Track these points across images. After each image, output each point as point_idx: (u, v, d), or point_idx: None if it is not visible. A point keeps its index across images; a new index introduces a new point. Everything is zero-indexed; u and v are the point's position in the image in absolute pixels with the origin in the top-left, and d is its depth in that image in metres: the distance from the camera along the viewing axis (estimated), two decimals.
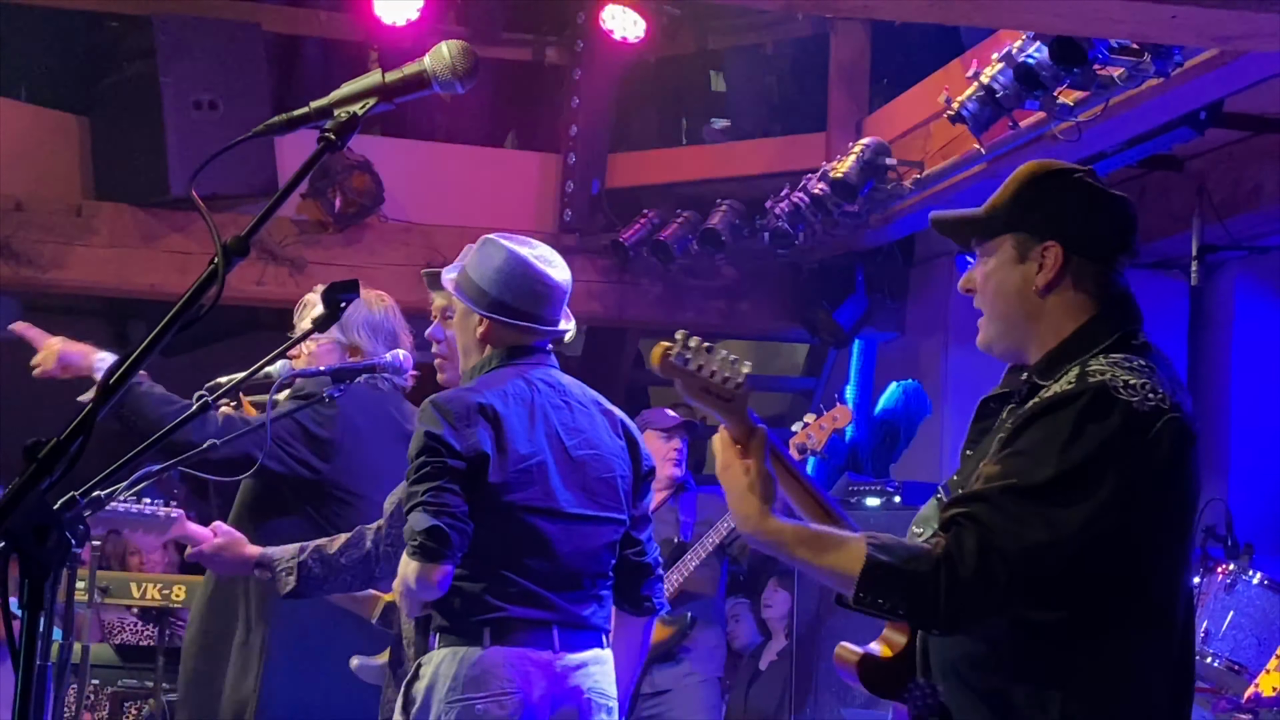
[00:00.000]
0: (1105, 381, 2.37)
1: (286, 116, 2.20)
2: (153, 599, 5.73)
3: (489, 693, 3.32)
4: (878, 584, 2.33)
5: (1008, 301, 2.54)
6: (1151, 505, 2.37)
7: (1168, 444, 2.36)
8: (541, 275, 3.46)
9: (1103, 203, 2.56)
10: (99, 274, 7.55)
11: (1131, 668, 2.40)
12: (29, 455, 1.70)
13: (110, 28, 7.57)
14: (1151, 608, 2.42)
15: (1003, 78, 4.98)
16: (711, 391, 2.48)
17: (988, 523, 2.32)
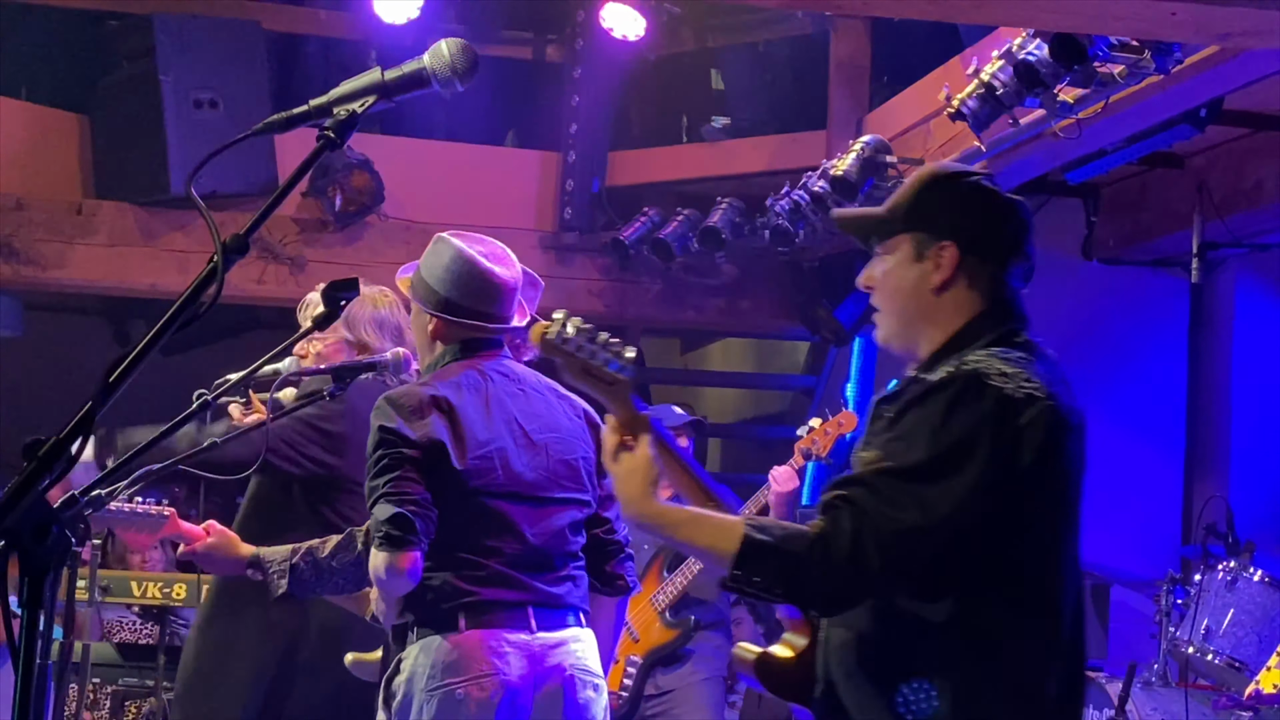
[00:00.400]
0: (979, 369, 2.43)
1: (286, 115, 2.20)
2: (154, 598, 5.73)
3: (468, 676, 3.33)
4: (753, 562, 2.38)
5: (903, 298, 2.60)
6: (1027, 490, 2.41)
7: (1042, 429, 2.40)
8: (487, 273, 3.50)
9: (999, 206, 2.61)
10: (99, 273, 7.55)
11: (1021, 655, 2.43)
12: (28, 454, 1.70)
13: (110, 26, 7.57)
14: (1035, 595, 2.46)
15: (1003, 75, 4.98)
16: (593, 374, 2.52)
17: (862, 504, 2.37)
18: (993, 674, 2.42)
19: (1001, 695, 2.42)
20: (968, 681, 2.41)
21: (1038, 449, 2.40)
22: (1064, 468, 2.47)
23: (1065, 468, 2.48)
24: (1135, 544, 7.15)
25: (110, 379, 1.82)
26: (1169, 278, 7.41)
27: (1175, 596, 5.48)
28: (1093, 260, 7.43)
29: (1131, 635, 6.07)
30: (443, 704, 3.33)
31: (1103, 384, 7.55)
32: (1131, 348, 7.53)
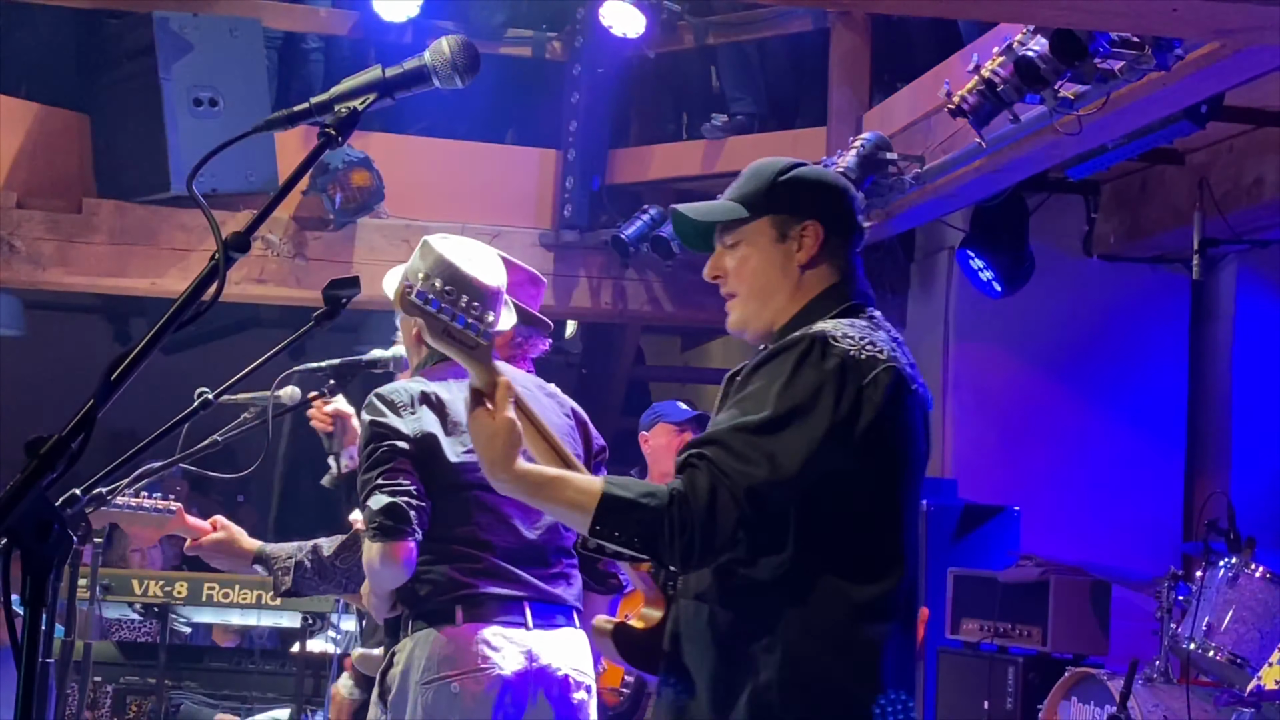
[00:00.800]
0: (825, 331, 2.56)
1: (287, 112, 2.20)
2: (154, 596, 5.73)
3: (464, 669, 3.32)
4: (612, 516, 2.45)
5: (769, 278, 2.71)
6: (870, 447, 2.51)
7: (884, 389, 2.52)
8: (471, 278, 3.48)
9: (844, 188, 2.78)
10: (100, 271, 7.54)
11: (855, 613, 2.51)
12: (31, 451, 1.70)
13: (111, 25, 7.56)
14: (877, 554, 2.55)
15: (1003, 71, 4.98)
16: (454, 336, 2.53)
17: (717, 461, 2.46)
18: (825, 633, 2.50)
19: (834, 654, 2.50)
20: (799, 640, 2.49)
21: (881, 407, 2.51)
22: (905, 429, 2.57)
23: (906, 429, 2.57)
24: (1136, 540, 7.16)
25: (112, 377, 1.82)
26: (1170, 274, 7.41)
27: (1177, 593, 5.48)
28: (1093, 257, 7.43)
29: (1133, 632, 6.07)
30: (438, 697, 3.32)
31: (1103, 381, 7.55)
32: (1132, 344, 7.53)
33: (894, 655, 2.54)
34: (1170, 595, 5.48)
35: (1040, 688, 5.76)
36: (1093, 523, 7.30)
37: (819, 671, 2.49)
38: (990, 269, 6.98)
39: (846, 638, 2.50)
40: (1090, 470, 7.45)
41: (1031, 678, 5.86)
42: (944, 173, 6.19)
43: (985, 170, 6.06)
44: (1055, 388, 7.58)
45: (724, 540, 2.46)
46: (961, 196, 6.60)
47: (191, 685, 5.89)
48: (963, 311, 7.56)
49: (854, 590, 2.51)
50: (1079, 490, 7.39)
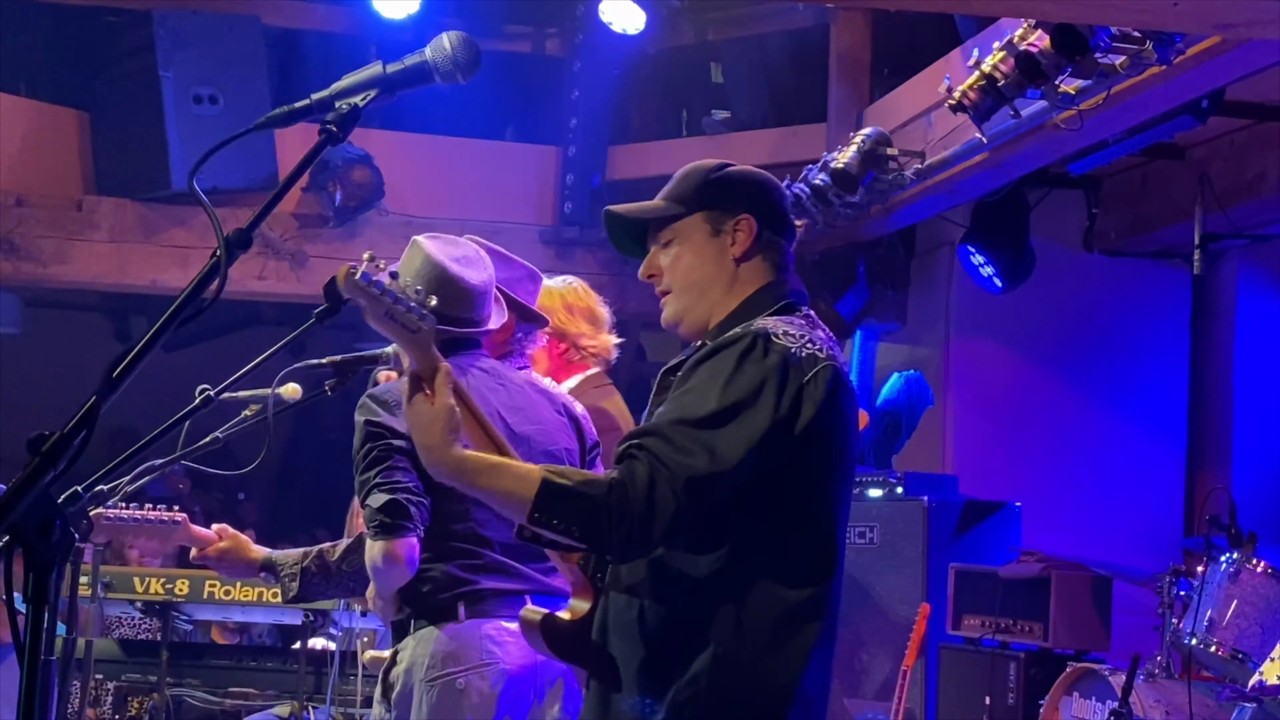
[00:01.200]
0: (766, 328, 2.57)
1: (287, 109, 2.19)
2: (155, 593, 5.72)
3: (469, 665, 3.32)
4: (551, 504, 2.45)
5: (703, 272, 2.72)
6: (809, 445, 2.52)
7: (823, 387, 2.54)
8: (457, 278, 3.48)
9: (774, 186, 2.80)
10: (100, 269, 7.54)
11: (791, 614, 2.52)
12: (33, 449, 1.69)
13: (110, 22, 7.57)
14: (812, 553, 2.56)
15: (1004, 67, 4.97)
16: (396, 319, 2.53)
17: (657, 452, 2.46)
18: (756, 632, 2.50)
19: (762, 653, 2.50)
20: (730, 639, 2.49)
21: (820, 404, 2.53)
22: (841, 428, 2.58)
23: (842, 428, 2.59)
24: (1138, 536, 7.16)
25: (114, 374, 1.81)
26: (1171, 269, 7.40)
27: (1178, 588, 5.47)
28: (1094, 252, 7.43)
29: (1134, 627, 6.07)
30: (444, 694, 3.31)
31: (1105, 377, 7.55)
32: (1133, 339, 7.53)
33: (819, 657, 2.55)
34: (1172, 590, 5.48)
35: (1042, 683, 5.76)
36: (1094, 518, 7.30)
37: (746, 671, 2.50)
38: (991, 265, 6.97)
39: (776, 639, 2.51)
40: (1091, 466, 7.45)
41: (1033, 673, 5.86)
42: (944, 168, 6.19)
43: (986, 166, 6.05)
44: (1056, 383, 7.58)
45: (662, 531, 2.46)
46: (962, 192, 6.59)
47: (193, 683, 5.88)
48: (963, 307, 7.55)
49: (787, 590, 2.52)
50: (1080, 486, 7.39)
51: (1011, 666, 5.92)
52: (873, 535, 6.64)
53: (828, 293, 7.66)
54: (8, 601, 1.81)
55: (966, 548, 6.47)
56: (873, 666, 6.52)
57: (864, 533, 6.68)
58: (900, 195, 6.58)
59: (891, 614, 6.49)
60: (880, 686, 6.44)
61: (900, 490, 6.67)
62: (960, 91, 5.20)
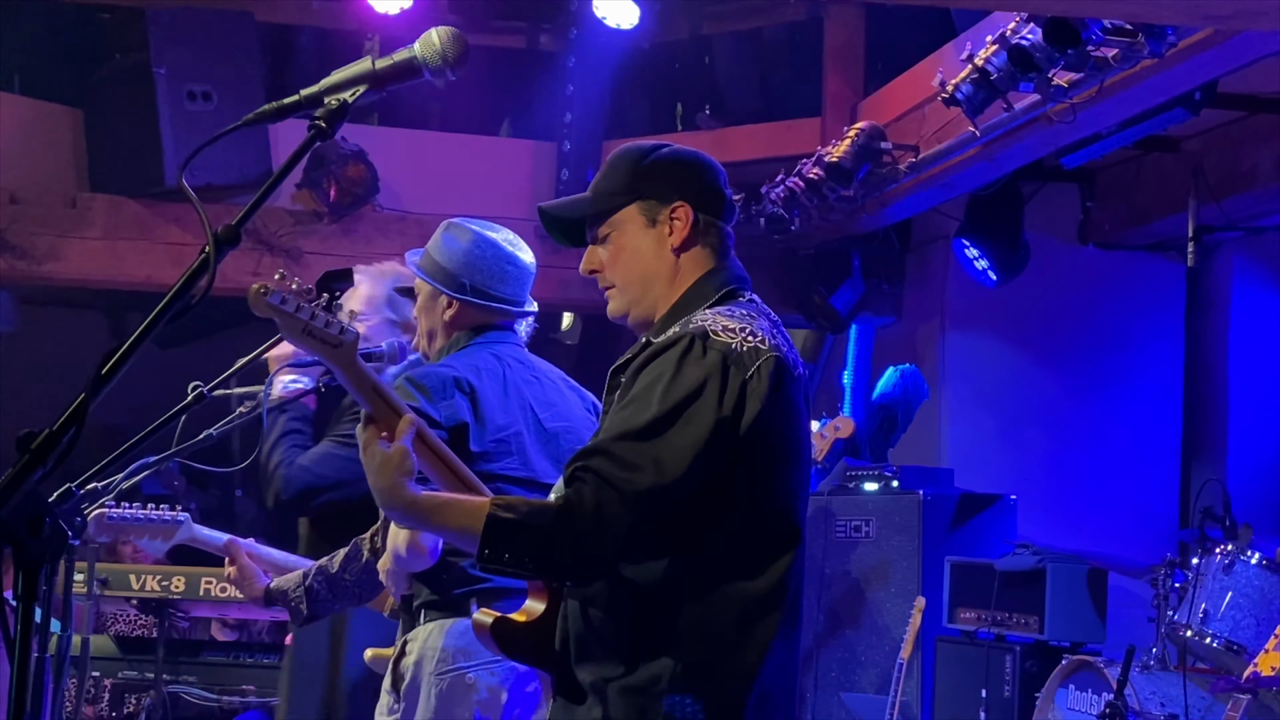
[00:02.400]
0: (705, 326, 2.52)
1: (277, 105, 2.19)
2: (152, 590, 5.72)
3: (479, 660, 3.32)
4: (500, 539, 2.42)
5: (644, 265, 2.67)
6: (756, 440, 2.48)
7: (767, 380, 2.49)
8: (510, 256, 3.49)
9: (707, 167, 2.72)
10: (94, 266, 7.54)
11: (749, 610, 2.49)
12: (22, 446, 1.70)
13: (103, 19, 7.56)
14: (766, 546, 2.52)
15: (997, 60, 4.97)
16: (315, 335, 2.53)
17: (602, 472, 2.43)
18: (715, 633, 2.48)
19: (720, 648, 2.48)
20: (696, 626, 2.47)
21: (763, 399, 2.48)
22: (789, 418, 2.54)
23: (790, 418, 2.55)
24: (1133, 528, 7.16)
25: (103, 371, 1.81)
26: (1165, 262, 7.41)
27: (1173, 580, 5.48)
28: (1088, 245, 7.43)
29: (1129, 619, 6.08)
30: (452, 688, 3.32)
31: (1099, 369, 7.55)
32: (1128, 332, 7.53)
33: (780, 649, 2.53)
34: (1167, 582, 5.48)
35: (1038, 675, 5.77)
36: (1089, 510, 7.31)
37: (706, 670, 2.48)
38: (985, 258, 6.97)
39: (735, 634, 2.49)
40: (1086, 458, 7.45)
41: (1029, 666, 5.87)
42: (938, 162, 6.19)
43: (980, 159, 6.06)
44: (1051, 376, 7.58)
45: (617, 549, 2.44)
46: (956, 185, 6.59)
47: (190, 679, 5.88)
48: (958, 301, 7.56)
49: (744, 586, 2.49)
50: (1075, 478, 7.40)
51: (1007, 659, 5.93)
52: (869, 529, 6.65)
53: (823, 286, 7.67)
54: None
55: (962, 541, 6.48)
56: (869, 660, 6.53)
57: (860, 526, 6.68)
58: (895, 189, 6.58)
59: (888, 607, 6.50)
60: (877, 679, 6.45)
61: (896, 484, 6.68)
62: (953, 85, 5.20)
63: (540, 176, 8.08)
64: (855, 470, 6.88)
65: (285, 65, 8.05)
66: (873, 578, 6.59)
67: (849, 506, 6.73)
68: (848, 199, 6.60)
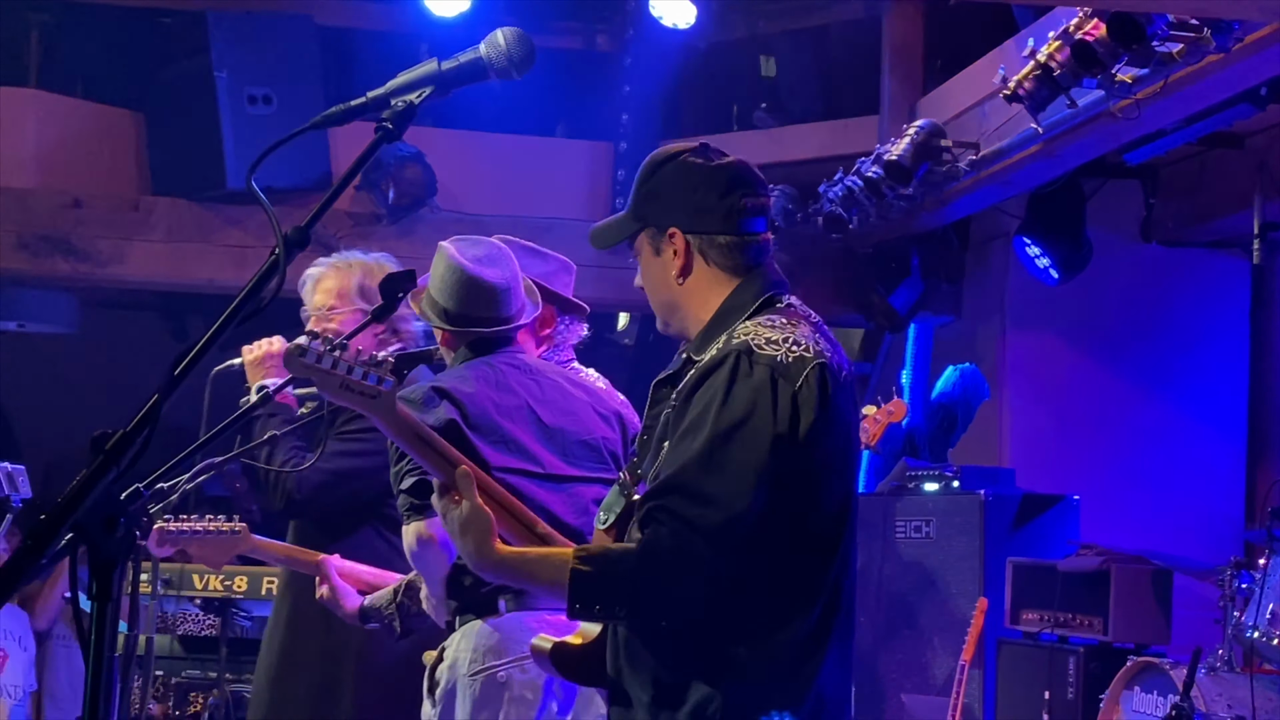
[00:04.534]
0: (748, 342, 2.49)
1: (343, 107, 2.20)
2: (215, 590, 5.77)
3: (511, 658, 3.33)
4: (587, 594, 2.43)
5: (660, 293, 2.66)
6: (812, 449, 2.47)
7: (816, 388, 2.47)
8: (476, 277, 3.49)
9: (704, 178, 2.61)
10: (156, 268, 7.61)
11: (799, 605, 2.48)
12: (96, 447, 1.71)
13: (165, 24, 7.63)
14: (818, 545, 2.51)
15: (1060, 56, 4.93)
16: (353, 389, 2.55)
17: (677, 511, 2.41)
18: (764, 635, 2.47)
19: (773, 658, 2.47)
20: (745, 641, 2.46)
21: (814, 408, 2.47)
22: (838, 421, 2.52)
23: (839, 421, 2.53)
24: (1198, 529, 7.08)
25: (175, 372, 1.83)
26: (1229, 259, 7.32)
27: (1239, 581, 5.41)
28: (1152, 242, 7.36)
29: (1195, 621, 6.01)
30: (486, 687, 3.32)
31: (1163, 368, 7.48)
32: (1192, 330, 7.45)
33: (833, 656, 2.52)
34: (1233, 583, 5.42)
35: (1102, 678, 5.71)
36: (1153, 511, 7.23)
37: (758, 683, 2.46)
38: (1047, 256, 6.92)
39: (785, 644, 2.48)
40: (1150, 458, 7.38)
41: (1093, 668, 5.81)
42: (999, 159, 6.14)
43: (1041, 156, 6.01)
44: (1114, 375, 7.51)
45: (701, 582, 2.43)
46: (1017, 183, 6.54)
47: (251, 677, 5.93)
48: (1019, 299, 7.50)
49: (795, 595, 2.48)
50: (1139, 478, 7.33)
51: (1071, 661, 5.87)
52: (929, 530, 6.61)
53: (881, 286, 7.63)
54: (73, 598, 1.82)
55: (1024, 541, 6.43)
56: (930, 662, 6.49)
57: (920, 527, 6.64)
58: (954, 187, 6.54)
59: (949, 609, 6.46)
60: (938, 682, 6.41)
61: (956, 484, 6.63)
62: (1015, 81, 5.16)
63: (597, 177, 8.09)
64: (915, 471, 6.84)
65: (344, 68, 8.09)
66: (933, 579, 6.55)
67: (909, 507, 6.70)
68: (907, 197, 6.56)
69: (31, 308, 8.40)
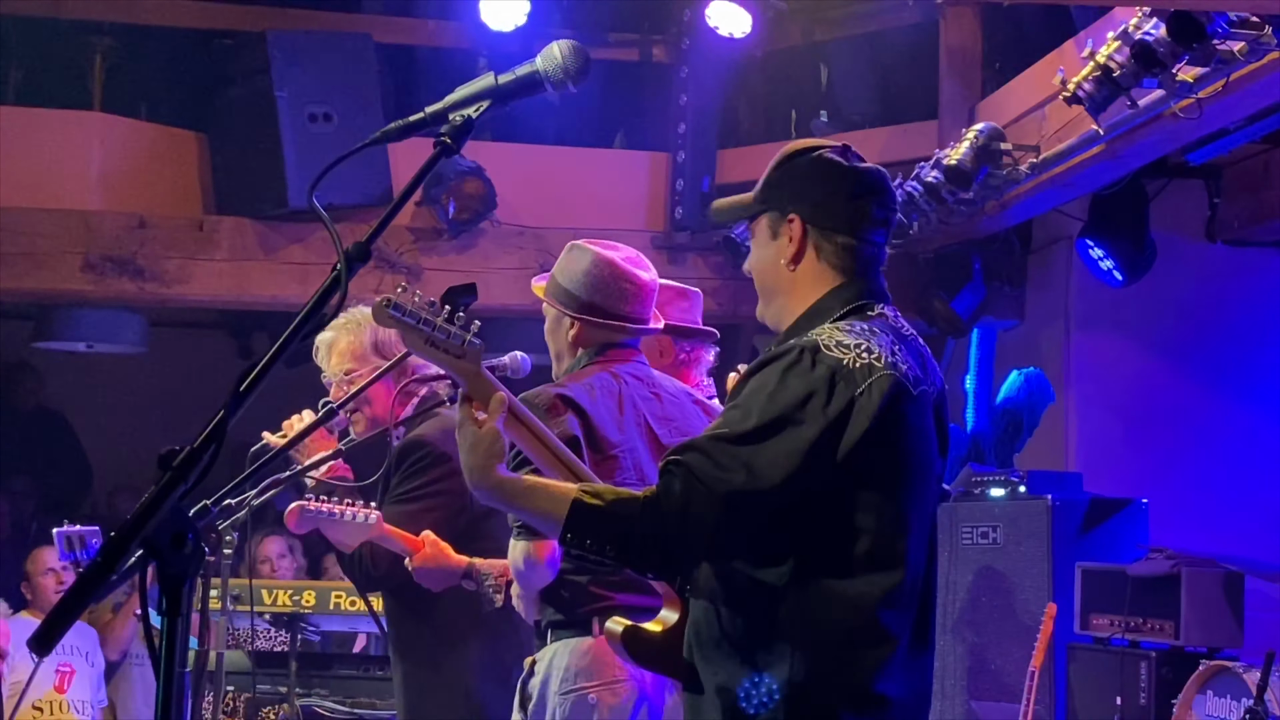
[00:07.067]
0: (817, 340, 2.50)
1: (402, 123, 2.22)
2: (283, 605, 5.81)
3: (601, 681, 3.33)
4: (582, 524, 2.43)
5: (765, 277, 2.68)
6: (864, 456, 2.46)
7: (879, 399, 2.45)
8: (629, 274, 3.48)
9: (838, 176, 2.64)
10: (221, 287, 7.68)
11: (857, 614, 2.47)
12: (164, 464, 1.73)
13: (225, 44, 7.70)
14: (872, 553, 2.48)
15: (1119, 56, 4.90)
16: (438, 346, 2.54)
17: (695, 468, 2.42)
18: (827, 641, 2.47)
19: (839, 653, 2.47)
20: (805, 640, 2.46)
21: (871, 417, 2.45)
22: (902, 434, 2.51)
23: (903, 434, 2.51)
24: (1269, 531, 7.00)
25: (241, 389, 1.84)
26: None
27: None
28: (1216, 242, 7.28)
29: (1268, 624, 5.94)
30: (575, 708, 3.32)
31: (1230, 368, 7.40)
32: (1258, 330, 7.37)
33: (901, 661, 2.51)
34: None
35: (1174, 682, 5.65)
36: (1223, 513, 7.15)
37: (823, 681, 2.47)
38: (1111, 258, 6.86)
39: (851, 645, 2.48)
40: (1219, 459, 7.29)
41: (1165, 672, 5.75)
42: (1060, 161, 6.10)
43: (1103, 158, 5.96)
44: (1180, 376, 7.44)
45: (699, 547, 2.44)
46: (1079, 185, 6.50)
47: (322, 692, 5.97)
48: (1083, 302, 7.44)
49: (858, 597, 2.47)
50: (1208, 480, 7.24)
51: (1142, 665, 5.82)
52: (996, 535, 6.56)
53: (943, 291, 7.59)
54: (143, 614, 1.84)
55: (1092, 546, 6.37)
56: (1000, 668, 6.45)
57: (986, 533, 6.60)
58: (1015, 190, 6.50)
59: (1017, 615, 6.41)
60: (1008, 688, 6.36)
61: (1023, 489, 6.58)
62: (1075, 83, 5.12)
63: (655, 187, 8.10)
64: (980, 476, 6.79)
65: (403, 84, 8.15)
66: (1001, 585, 6.50)
67: (975, 513, 6.65)
68: (967, 202, 6.52)
69: (99, 328, 8.50)
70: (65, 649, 6.73)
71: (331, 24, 7.78)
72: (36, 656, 6.32)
